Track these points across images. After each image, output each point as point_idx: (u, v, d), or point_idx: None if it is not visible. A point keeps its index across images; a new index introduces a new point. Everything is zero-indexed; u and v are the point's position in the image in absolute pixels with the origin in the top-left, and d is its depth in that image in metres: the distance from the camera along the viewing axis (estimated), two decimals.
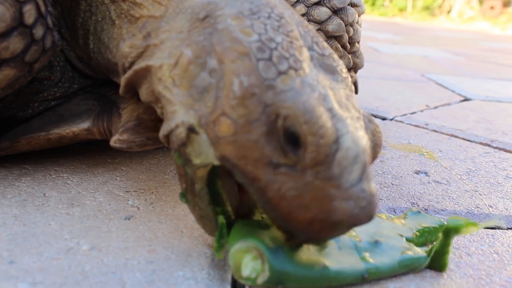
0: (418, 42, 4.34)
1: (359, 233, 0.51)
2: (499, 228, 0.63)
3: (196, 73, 0.46)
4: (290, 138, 0.41)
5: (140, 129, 0.59)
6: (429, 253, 0.51)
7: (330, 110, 0.42)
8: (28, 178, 0.66)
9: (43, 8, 0.57)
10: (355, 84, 1.13)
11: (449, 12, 11.96)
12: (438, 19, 11.42)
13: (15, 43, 0.54)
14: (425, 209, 0.67)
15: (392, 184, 0.76)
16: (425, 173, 0.82)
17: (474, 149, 0.99)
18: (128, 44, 0.56)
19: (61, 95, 0.70)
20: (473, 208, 0.69)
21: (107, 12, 0.62)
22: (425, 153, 0.93)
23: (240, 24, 0.46)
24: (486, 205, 0.70)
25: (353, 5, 0.87)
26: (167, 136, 0.48)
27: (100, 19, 0.63)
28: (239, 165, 0.43)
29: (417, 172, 0.82)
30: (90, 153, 0.78)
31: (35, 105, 0.69)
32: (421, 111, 1.35)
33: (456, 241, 0.58)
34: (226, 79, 0.43)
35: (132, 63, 0.55)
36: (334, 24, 0.83)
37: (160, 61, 0.50)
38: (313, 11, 0.84)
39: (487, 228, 0.63)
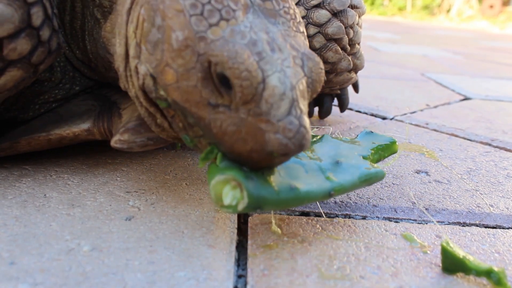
0: (417, 41, 4.34)
1: (322, 156, 0.58)
2: (500, 227, 0.63)
3: (148, 29, 0.50)
4: (223, 81, 0.47)
5: (140, 129, 0.59)
6: None
7: (258, 53, 0.46)
8: (29, 179, 0.66)
9: (49, 10, 0.57)
10: (355, 84, 1.13)
11: (448, 11, 11.95)
12: (437, 18, 11.41)
13: (22, 45, 0.54)
14: (426, 209, 0.67)
15: (393, 183, 0.76)
16: (426, 172, 0.82)
17: (475, 148, 0.99)
18: (107, 29, 0.61)
19: (62, 97, 0.70)
20: (474, 208, 0.69)
21: (93, 13, 0.66)
22: (425, 153, 0.93)
23: None
24: (487, 204, 0.70)
25: (353, 7, 0.87)
26: (144, 91, 0.53)
27: (89, 19, 0.66)
28: (186, 107, 0.49)
29: (418, 172, 0.82)
30: (91, 153, 0.78)
31: (36, 107, 0.69)
32: (421, 110, 1.35)
33: (457, 240, 0.58)
34: (166, 34, 0.49)
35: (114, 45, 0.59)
36: (334, 27, 0.83)
37: (129, 27, 0.54)
38: (312, 13, 0.83)
39: (488, 227, 0.63)
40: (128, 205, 0.61)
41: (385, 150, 0.65)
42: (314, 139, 0.63)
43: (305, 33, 0.55)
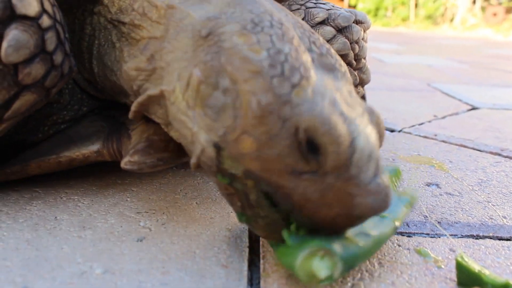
0: (422, 51, 4.35)
1: None
2: None
3: (208, 93, 0.47)
4: (312, 148, 0.43)
5: (150, 150, 0.59)
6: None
7: (341, 114, 0.44)
8: (39, 202, 0.66)
9: (62, 35, 0.58)
10: (363, 97, 1.12)
11: (451, 20, 11.98)
12: (441, 28, 11.43)
13: (37, 69, 0.55)
14: (438, 222, 0.66)
15: None
16: (437, 185, 0.81)
17: (485, 159, 0.99)
18: (132, 67, 0.56)
19: (70, 118, 0.70)
20: (487, 220, 0.68)
21: (109, 36, 0.63)
22: (435, 165, 0.93)
23: (247, 41, 0.46)
24: (500, 216, 0.70)
25: (358, 22, 0.87)
26: (198, 164, 0.49)
27: (103, 43, 0.64)
28: (264, 177, 0.45)
29: (429, 184, 0.81)
30: (100, 174, 0.78)
31: (45, 128, 0.69)
32: (429, 121, 1.35)
33: (471, 254, 0.58)
34: (242, 99, 0.44)
35: (140, 86, 0.55)
36: (339, 43, 0.83)
37: (172, 84, 0.50)
38: (317, 30, 0.84)
39: (502, 239, 0.62)
40: (139, 226, 0.61)
41: (395, 178, 0.63)
42: None
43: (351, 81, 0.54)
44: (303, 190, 0.44)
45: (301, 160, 0.44)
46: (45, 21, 0.55)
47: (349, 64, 0.87)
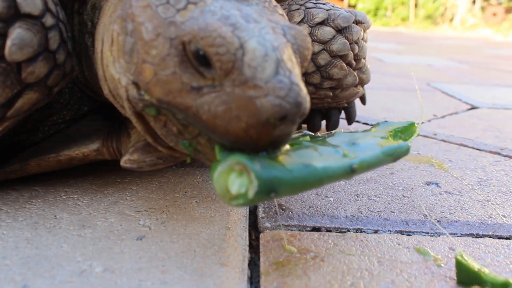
0: (421, 51, 4.35)
1: (337, 143, 0.52)
2: None
3: (123, 40, 0.50)
4: (201, 59, 0.44)
5: (150, 149, 0.59)
6: None
7: (232, 24, 0.44)
8: (39, 200, 0.66)
9: (65, 34, 0.58)
10: (362, 97, 1.13)
11: (451, 20, 11.98)
12: (440, 28, 11.43)
13: (40, 68, 0.55)
14: (438, 221, 0.66)
15: (404, 196, 0.75)
16: (436, 184, 0.81)
17: (484, 158, 0.99)
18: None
19: (70, 118, 0.70)
20: (486, 219, 0.68)
21: (85, 40, 0.66)
22: (435, 164, 0.93)
23: None
24: (499, 215, 0.70)
25: (358, 22, 0.87)
26: (132, 107, 0.51)
27: (84, 46, 0.66)
28: (170, 101, 0.46)
29: (428, 183, 0.81)
30: (100, 173, 0.78)
31: (45, 128, 0.69)
32: (429, 120, 1.35)
33: (471, 252, 0.58)
34: (137, 32, 0.48)
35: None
36: (339, 44, 0.83)
37: (104, 48, 0.54)
38: (316, 31, 0.83)
39: (502, 238, 0.62)
40: (139, 225, 0.61)
41: (404, 132, 0.58)
42: (326, 135, 0.57)
43: (286, 17, 0.54)
44: (208, 106, 0.44)
45: (196, 75, 0.45)
46: (49, 20, 0.55)
47: (348, 64, 0.86)
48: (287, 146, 0.48)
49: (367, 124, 1.27)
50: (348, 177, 0.47)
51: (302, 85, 0.44)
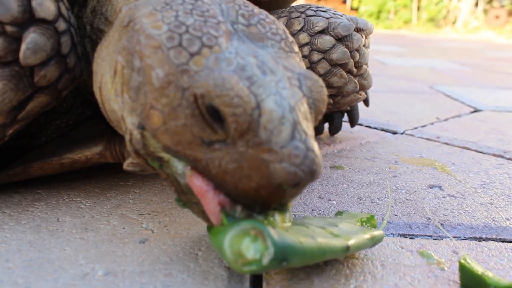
0: (424, 54, 4.34)
1: (318, 225, 0.51)
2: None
3: (129, 75, 0.47)
4: (214, 114, 0.42)
5: None
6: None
7: (248, 78, 0.42)
8: (42, 203, 0.66)
9: (75, 39, 0.59)
10: (365, 100, 1.12)
11: (454, 22, 11.97)
12: (443, 30, 11.43)
13: (52, 72, 0.56)
14: (441, 224, 0.66)
15: (407, 199, 0.75)
16: (439, 187, 0.81)
17: (487, 161, 0.99)
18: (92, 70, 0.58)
19: (74, 121, 0.70)
20: (489, 222, 0.68)
21: (85, 45, 0.65)
22: (438, 167, 0.92)
23: (152, 20, 0.47)
24: (503, 218, 0.69)
25: (359, 30, 0.86)
26: (135, 150, 0.49)
27: (84, 51, 0.66)
28: (179, 151, 0.45)
29: (431, 187, 0.81)
30: (102, 176, 0.78)
31: (48, 132, 0.69)
32: (432, 123, 1.35)
33: (474, 256, 0.58)
34: (146, 74, 0.45)
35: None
36: (338, 53, 0.82)
37: (105, 78, 0.51)
38: (316, 40, 0.83)
39: (505, 242, 0.62)
40: (141, 228, 0.61)
41: (367, 222, 0.58)
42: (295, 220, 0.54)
43: (300, 53, 0.52)
44: (219, 161, 0.43)
45: (207, 129, 0.43)
46: (61, 25, 0.56)
47: (349, 72, 0.86)
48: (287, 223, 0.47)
49: (369, 127, 1.27)
50: (343, 255, 0.49)
51: (316, 149, 0.43)
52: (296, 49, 0.51)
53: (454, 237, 0.63)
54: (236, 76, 0.42)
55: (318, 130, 1.09)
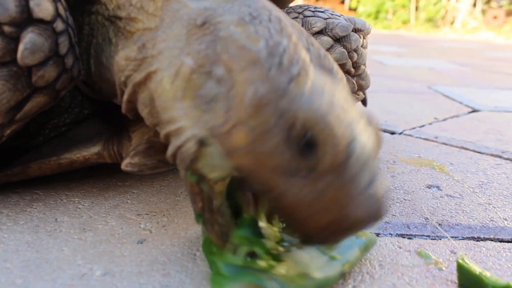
0: (423, 54, 4.35)
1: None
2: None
3: (200, 82, 0.44)
4: (308, 145, 0.41)
5: (151, 152, 0.59)
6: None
7: (337, 116, 0.42)
8: (40, 204, 0.66)
9: (73, 39, 0.59)
10: (363, 100, 1.12)
11: (452, 23, 11.98)
12: (441, 30, 11.43)
13: (50, 72, 0.56)
14: (439, 224, 0.66)
15: (405, 199, 0.75)
16: (437, 187, 0.81)
17: (486, 161, 0.99)
18: (123, 56, 0.54)
19: (71, 121, 0.70)
20: (487, 222, 0.68)
21: (106, 33, 0.61)
22: (436, 167, 0.93)
23: (245, 31, 0.45)
24: (500, 218, 0.69)
25: (357, 30, 0.86)
26: (175, 155, 0.47)
27: (100, 41, 0.63)
28: (256, 175, 0.42)
29: (429, 186, 0.81)
30: (101, 176, 0.78)
31: (46, 132, 0.69)
32: (430, 123, 1.35)
33: (472, 256, 0.58)
34: (237, 88, 0.42)
35: (128, 77, 0.53)
36: (337, 53, 0.82)
37: (161, 73, 0.48)
38: None
39: (503, 242, 0.62)
40: (139, 228, 0.61)
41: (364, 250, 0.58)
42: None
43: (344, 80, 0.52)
44: (298, 190, 0.41)
45: (295, 157, 0.41)
46: (59, 25, 0.56)
47: (347, 72, 0.86)
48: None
49: None
50: (339, 280, 0.50)
51: (384, 197, 0.43)
52: (347, 87, 0.51)
53: (452, 237, 0.63)
54: (333, 111, 0.41)
55: None
